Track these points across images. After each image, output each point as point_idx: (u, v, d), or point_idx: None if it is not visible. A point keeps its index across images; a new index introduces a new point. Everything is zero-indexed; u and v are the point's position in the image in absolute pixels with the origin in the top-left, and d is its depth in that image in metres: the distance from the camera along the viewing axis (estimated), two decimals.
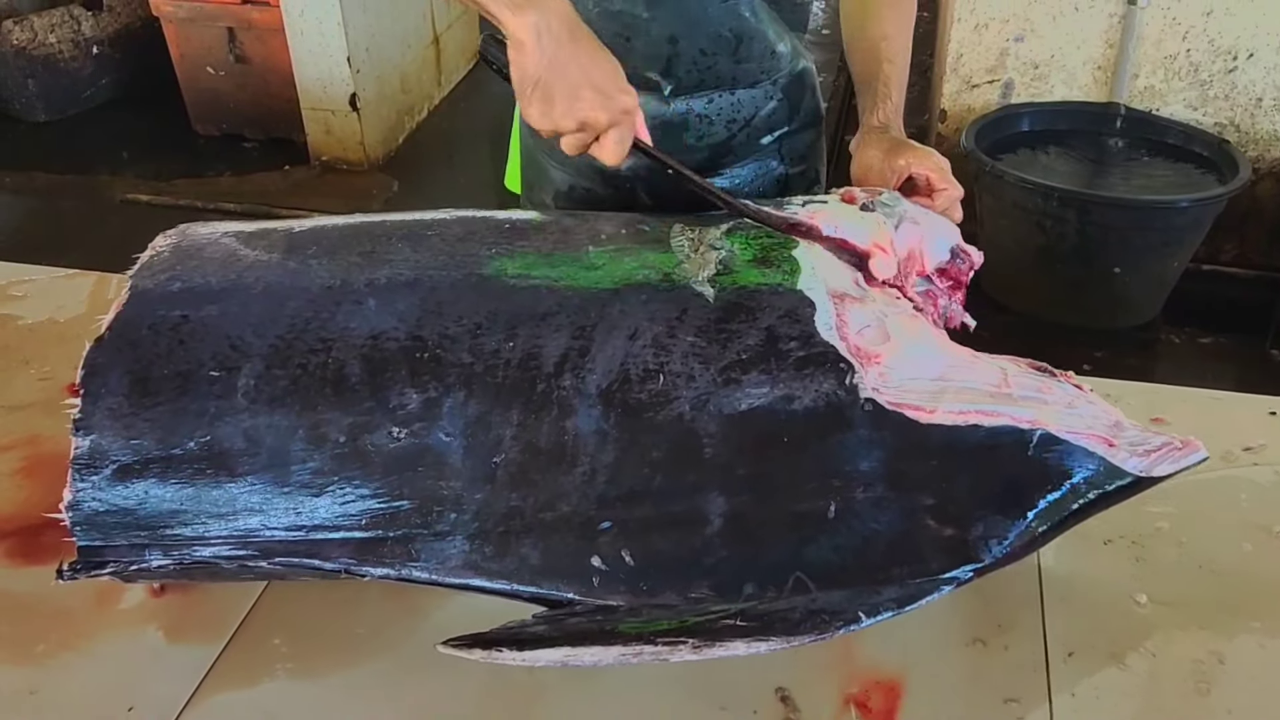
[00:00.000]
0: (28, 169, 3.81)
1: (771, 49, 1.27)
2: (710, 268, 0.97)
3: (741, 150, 1.30)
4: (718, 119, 1.26)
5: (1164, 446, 0.92)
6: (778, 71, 1.29)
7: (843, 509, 0.86)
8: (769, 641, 0.82)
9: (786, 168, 1.33)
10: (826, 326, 0.92)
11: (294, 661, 0.94)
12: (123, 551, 0.89)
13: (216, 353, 0.89)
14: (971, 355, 0.97)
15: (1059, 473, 0.89)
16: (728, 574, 0.86)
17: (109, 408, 0.88)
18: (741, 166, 1.31)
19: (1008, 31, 2.93)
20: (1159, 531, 1.06)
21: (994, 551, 0.87)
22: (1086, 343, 2.79)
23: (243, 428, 0.87)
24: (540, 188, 1.38)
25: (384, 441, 0.87)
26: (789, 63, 1.30)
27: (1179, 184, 2.77)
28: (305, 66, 3.60)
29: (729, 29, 1.22)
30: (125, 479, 0.87)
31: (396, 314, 0.91)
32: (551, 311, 0.91)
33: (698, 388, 0.88)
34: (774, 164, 1.32)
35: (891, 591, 0.85)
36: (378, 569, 0.88)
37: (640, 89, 1.05)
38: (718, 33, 1.22)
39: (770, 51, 1.26)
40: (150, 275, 0.95)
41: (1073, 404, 0.93)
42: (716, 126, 1.27)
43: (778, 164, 1.32)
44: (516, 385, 0.88)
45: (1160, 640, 0.95)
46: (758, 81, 1.27)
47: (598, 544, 0.86)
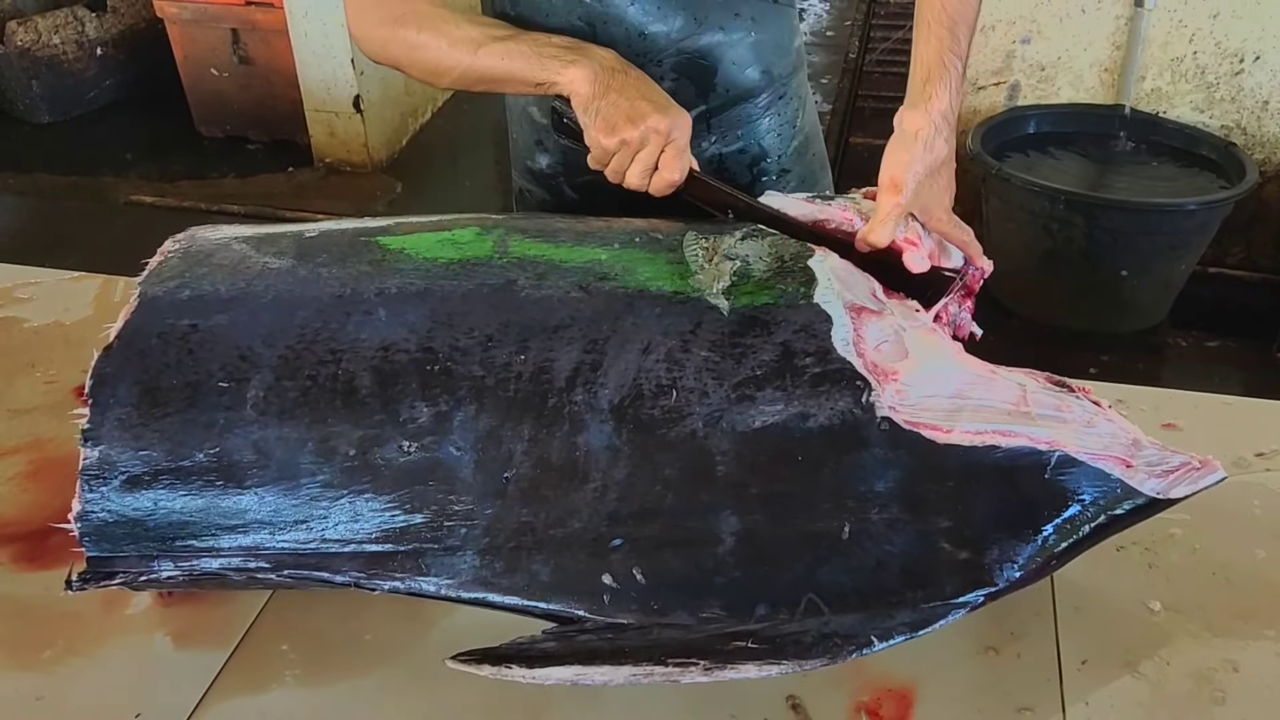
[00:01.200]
0: (31, 170, 3.81)
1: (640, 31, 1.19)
2: (725, 279, 0.95)
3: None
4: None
5: (1182, 467, 0.91)
6: (662, 53, 1.20)
7: (857, 530, 0.85)
8: (780, 664, 0.81)
9: (722, 147, 1.27)
10: (843, 342, 0.90)
11: (301, 668, 0.93)
12: (132, 562, 0.88)
13: (226, 363, 0.89)
14: (990, 371, 0.96)
15: (1075, 495, 0.88)
16: (740, 594, 0.85)
17: (118, 418, 0.87)
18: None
19: (1014, 33, 2.93)
20: (1172, 538, 1.05)
21: (1007, 575, 0.86)
22: (1093, 346, 2.78)
23: (252, 439, 0.87)
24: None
25: (394, 455, 0.86)
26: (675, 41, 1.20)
27: (1185, 187, 2.77)
28: (309, 68, 3.60)
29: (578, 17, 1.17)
30: (134, 490, 0.87)
31: (407, 325, 0.90)
32: (564, 324, 0.90)
33: (711, 404, 0.87)
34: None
35: (904, 615, 0.84)
36: (387, 583, 0.88)
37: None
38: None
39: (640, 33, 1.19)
40: (159, 282, 0.95)
41: (1091, 422, 0.92)
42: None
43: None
44: (528, 399, 0.87)
45: (1174, 648, 0.95)
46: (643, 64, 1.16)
47: (609, 561, 0.85)
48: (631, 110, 1.04)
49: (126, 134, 4.03)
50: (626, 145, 1.05)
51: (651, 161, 1.06)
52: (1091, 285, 2.80)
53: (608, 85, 1.05)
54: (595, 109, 1.05)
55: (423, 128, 4.02)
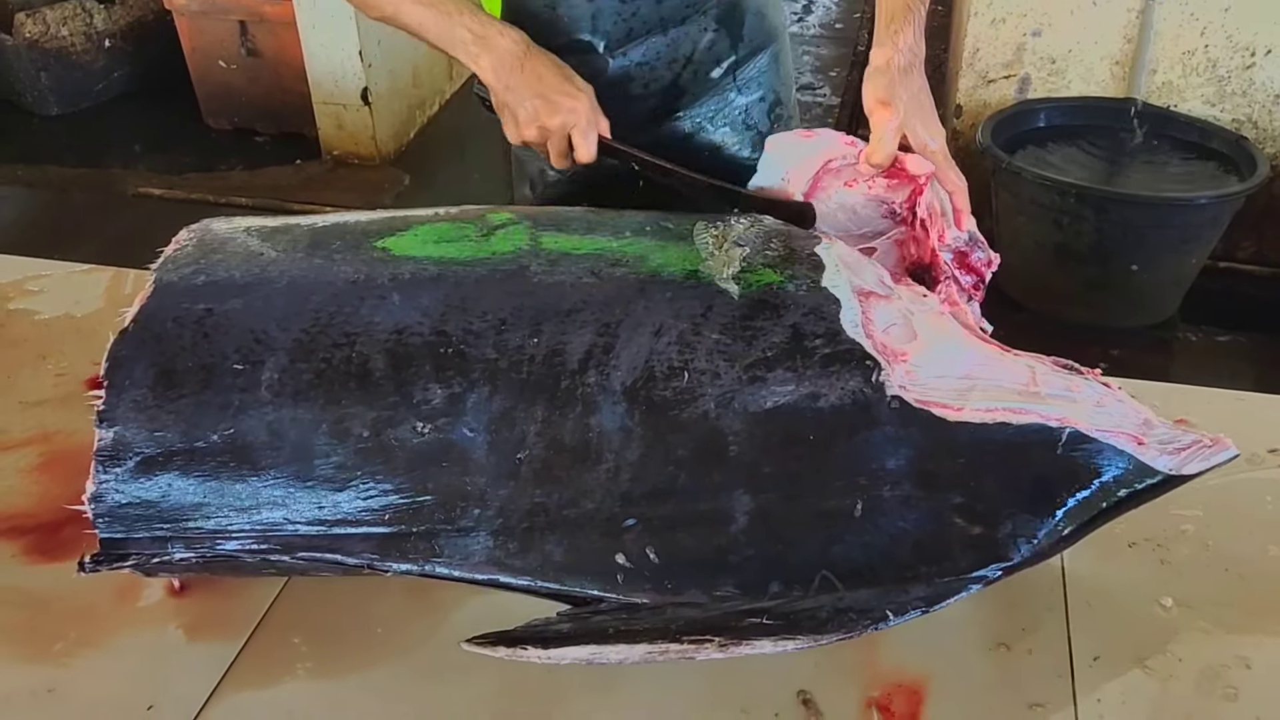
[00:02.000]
0: (40, 162, 3.81)
1: None
2: (734, 264, 0.96)
3: (692, 88, 1.31)
4: (658, 63, 1.28)
5: (1194, 444, 0.91)
6: (705, 3, 1.28)
7: (869, 507, 0.86)
8: (796, 640, 0.81)
9: (745, 97, 1.34)
10: (852, 324, 0.91)
11: (313, 661, 0.93)
12: (145, 544, 0.89)
13: (240, 346, 0.89)
14: (999, 352, 0.97)
15: (1088, 471, 0.88)
16: (753, 572, 0.85)
17: (133, 400, 0.87)
18: (700, 106, 1.33)
19: (1025, 26, 2.92)
20: (1184, 534, 1.05)
21: (1023, 550, 0.86)
22: (1103, 341, 2.77)
23: (266, 421, 0.87)
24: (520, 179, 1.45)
25: (408, 436, 0.86)
26: None
27: (1196, 181, 2.76)
28: (317, 60, 3.60)
29: None
30: (149, 471, 0.87)
31: (420, 309, 0.90)
32: (576, 308, 0.90)
33: (722, 385, 0.87)
34: (732, 96, 1.33)
35: (919, 590, 0.84)
36: (400, 564, 0.88)
37: (577, 53, 1.19)
38: None
39: None
40: (174, 269, 0.95)
41: (1101, 402, 0.93)
42: (659, 70, 1.29)
43: (735, 95, 1.33)
44: (541, 381, 0.87)
45: (1186, 644, 0.94)
46: (687, 17, 1.27)
47: (622, 541, 0.86)
48: (530, 111, 1.14)
49: (134, 126, 4.04)
50: (542, 133, 1.15)
51: (563, 149, 1.15)
52: (1102, 279, 2.79)
53: (507, 83, 1.14)
54: (502, 105, 1.16)
55: (430, 120, 4.02)
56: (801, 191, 1.13)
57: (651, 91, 1.30)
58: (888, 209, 1.12)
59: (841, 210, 1.13)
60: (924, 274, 1.09)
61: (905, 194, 1.11)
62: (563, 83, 1.14)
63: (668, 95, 1.30)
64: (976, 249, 1.11)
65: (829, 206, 1.13)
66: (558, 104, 1.13)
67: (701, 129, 1.33)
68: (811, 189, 1.13)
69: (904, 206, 1.11)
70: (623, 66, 1.27)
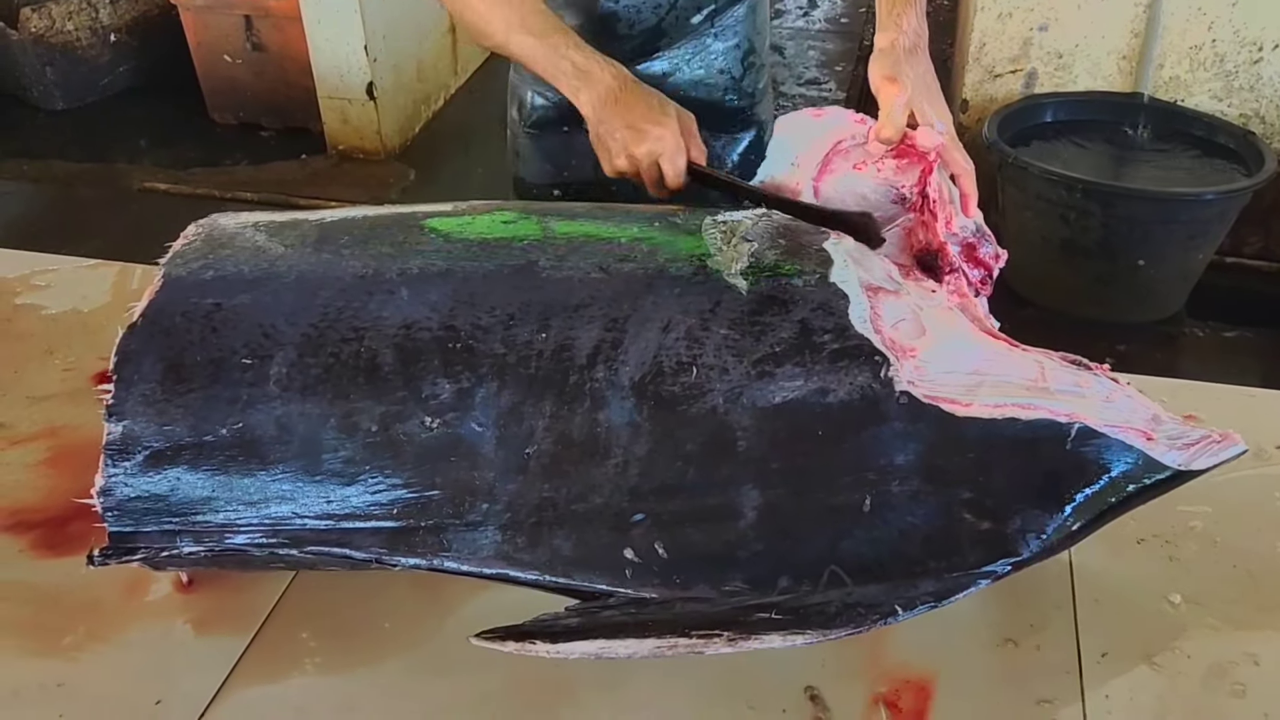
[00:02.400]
0: (46, 157, 3.82)
1: None
2: (743, 260, 0.95)
3: (673, 32, 1.38)
4: (644, 6, 1.35)
5: (1203, 439, 0.91)
6: None
7: (878, 502, 0.85)
8: (805, 635, 0.81)
9: (722, 43, 1.41)
10: (861, 319, 0.91)
11: (321, 655, 0.94)
12: (154, 538, 0.89)
13: (249, 340, 0.89)
14: (1008, 347, 0.97)
15: (1097, 466, 0.88)
16: (762, 567, 0.85)
17: (142, 394, 0.87)
18: (678, 48, 1.39)
19: (1031, 20, 2.91)
20: (1192, 530, 1.05)
21: (1032, 545, 0.86)
22: (1110, 336, 2.76)
23: (275, 415, 0.87)
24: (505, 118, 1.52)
25: (416, 431, 0.86)
26: None
27: (1203, 176, 2.75)
28: (322, 55, 3.59)
29: None
30: (157, 465, 0.87)
31: (429, 304, 0.90)
32: (584, 303, 0.90)
33: (731, 380, 0.87)
34: (709, 41, 1.40)
35: (928, 585, 0.84)
36: (409, 559, 0.88)
37: None
38: None
39: None
40: (183, 263, 0.95)
41: (1110, 397, 0.92)
42: (645, 14, 1.35)
43: (713, 40, 1.40)
44: (549, 376, 0.87)
45: (1194, 641, 0.94)
46: None
47: (631, 536, 0.86)
48: (620, 141, 1.17)
49: (140, 120, 4.04)
50: (628, 169, 1.19)
51: (654, 176, 1.18)
52: (1108, 275, 2.78)
53: (601, 116, 1.18)
54: (597, 137, 1.20)
55: (436, 115, 4.02)
56: (811, 176, 1.13)
57: (635, 33, 1.36)
58: (897, 194, 1.12)
59: (851, 195, 1.14)
60: (932, 261, 1.09)
61: (914, 177, 1.11)
62: (650, 111, 1.17)
63: (650, 36, 1.37)
64: (984, 242, 1.10)
65: (838, 190, 1.14)
66: (645, 132, 1.16)
67: (678, 69, 1.41)
68: (821, 172, 1.14)
69: (913, 190, 1.11)
70: (611, 8, 1.34)
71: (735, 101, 1.46)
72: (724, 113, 1.44)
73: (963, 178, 1.10)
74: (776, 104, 4.41)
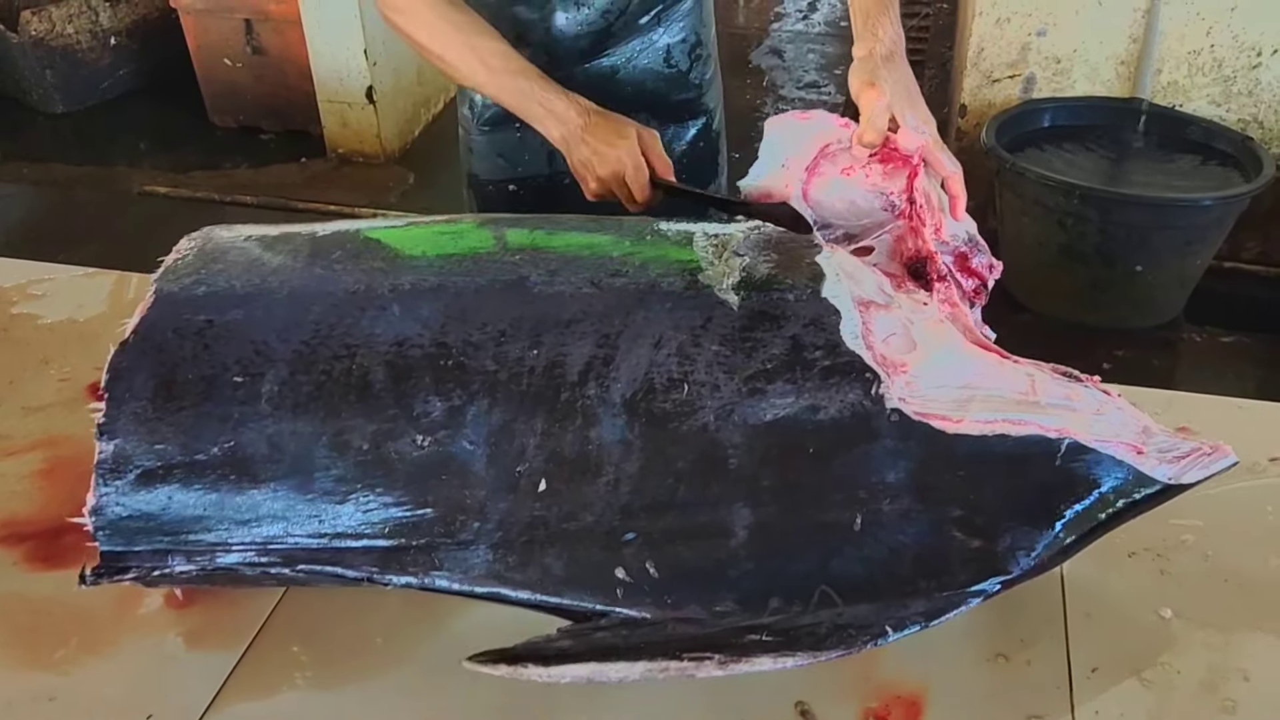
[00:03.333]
0: (46, 160, 3.82)
1: None
2: (734, 274, 0.96)
3: (621, 33, 1.42)
4: (593, 9, 1.39)
5: (1193, 452, 0.91)
6: None
7: (869, 521, 0.86)
8: (795, 657, 0.81)
9: (668, 37, 1.45)
10: (852, 335, 0.91)
11: (312, 670, 0.94)
12: (145, 557, 0.89)
13: (241, 357, 0.89)
14: (998, 360, 0.96)
15: (1087, 482, 0.88)
16: (753, 587, 0.85)
17: (133, 412, 0.88)
18: (624, 45, 1.43)
19: (1030, 25, 2.90)
20: (1184, 544, 1.05)
21: (1022, 563, 0.86)
22: (1108, 342, 2.76)
23: (266, 434, 0.87)
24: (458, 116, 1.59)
25: (407, 449, 0.87)
26: None
27: (1202, 181, 2.74)
28: (322, 59, 3.60)
29: None
30: (149, 484, 0.87)
31: (420, 320, 0.90)
32: (576, 319, 0.90)
33: (722, 397, 0.87)
34: (655, 36, 1.44)
35: (918, 605, 0.84)
36: (400, 578, 0.88)
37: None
38: None
39: None
40: (174, 279, 0.95)
41: (1101, 410, 0.93)
42: (593, 15, 1.40)
43: (660, 35, 1.45)
44: (541, 393, 0.87)
45: (1185, 656, 0.94)
46: None
47: (622, 555, 0.86)
48: (591, 166, 1.23)
49: (140, 124, 4.04)
50: (602, 192, 1.24)
51: (625, 195, 1.23)
52: (1106, 280, 2.78)
53: (571, 149, 1.25)
54: (572, 168, 1.26)
55: (435, 118, 4.02)
56: (799, 178, 1.14)
57: (584, 33, 1.40)
58: (886, 200, 1.13)
59: (840, 201, 1.14)
60: (922, 268, 1.09)
61: (901, 183, 1.11)
62: (610, 135, 1.22)
63: (597, 40, 1.42)
64: (977, 252, 1.11)
65: (828, 196, 1.14)
66: (605, 155, 1.22)
67: (627, 64, 1.44)
68: (810, 174, 1.14)
69: (901, 196, 1.11)
70: (563, 6, 1.38)
71: (683, 93, 1.50)
72: (673, 104, 1.50)
73: (951, 180, 1.11)
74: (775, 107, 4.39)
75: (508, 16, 1.39)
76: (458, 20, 1.29)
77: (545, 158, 1.42)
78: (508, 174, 1.51)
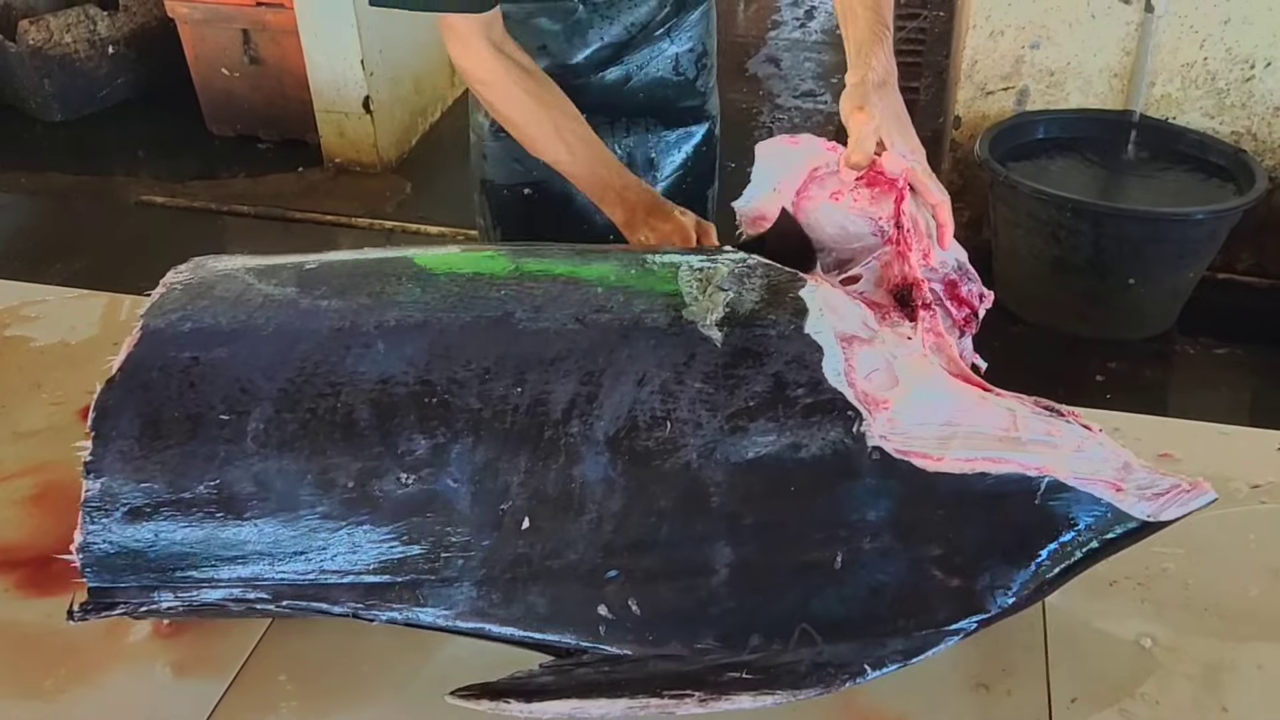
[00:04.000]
0: (43, 169, 3.84)
1: None
2: (718, 310, 0.96)
3: (638, 43, 1.48)
4: (618, 21, 1.45)
5: (1172, 489, 0.92)
6: None
7: (849, 559, 0.86)
8: (775, 694, 0.82)
9: (677, 47, 1.51)
10: (835, 372, 0.91)
11: (299, 700, 0.94)
12: (132, 592, 0.90)
13: (227, 396, 0.90)
14: (980, 395, 0.97)
15: (1066, 520, 0.89)
16: (734, 625, 0.86)
17: (120, 450, 0.88)
18: (637, 53, 1.49)
19: (1024, 38, 2.91)
20: (1165, 572, 1.05)
21: (1000, 601, 0.87)
22: (1100, 354, 2.77)
23: (252, 471, 0.88)
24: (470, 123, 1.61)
25: (392, 487, 0.87)
26: None
27: (1195, 194, 2.75)
28: (319, 68, 3.61)
29: None
30: (135, 521, 0.88)
31: (405, 358, 0.91)
32: (560, 356, 0.91)
33: (705, 435, 0.88)
34: (665, 45, 1.50)
35: (897, 643, 0.85)
36: (385, 613, 0.89)
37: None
38: None
39: None
40: (161, 314, 0.96)
41: (1081, 446, 0.93)
42: (616, 28, 1.45)
43: (669, 45, 1.50)
44: (524, 432, 0.88)
45: (1165, 686, 0.95)
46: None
47: (604, 593, 0.87)
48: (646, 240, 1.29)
49: (138, 133, 4.05)
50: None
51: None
52: (1099, 292, 2.79)
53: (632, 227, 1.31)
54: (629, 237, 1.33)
55: (432, 128, 4.03)
56: (789, 200, 1.16)
57: (606, 45, 1.45)
58: (875, 226, 1.14)
59: (830, 225, 1.15)
60: (908, 294, 1.10)
61: (889, 208, 1.12)
62: (664, 218, 1.30)
63: (617, 51, 1.47)
64: (967, 280, 1.11)
65: (817, 219, 1.15)
66: (660, 229, 1.28)
67: (637, 74, 1.50)
68: (800, 197, 1.16)
69: (889, 222, 1.12)
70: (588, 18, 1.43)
71: (690, 100, 1.56)
72: (679, 110, 1.56)
73: (938, 209, 1.12)
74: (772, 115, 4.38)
75: (531, 27, 1.42)
76: (544, 98, 1.34)
77: None
78: (522, 179, 1.54)
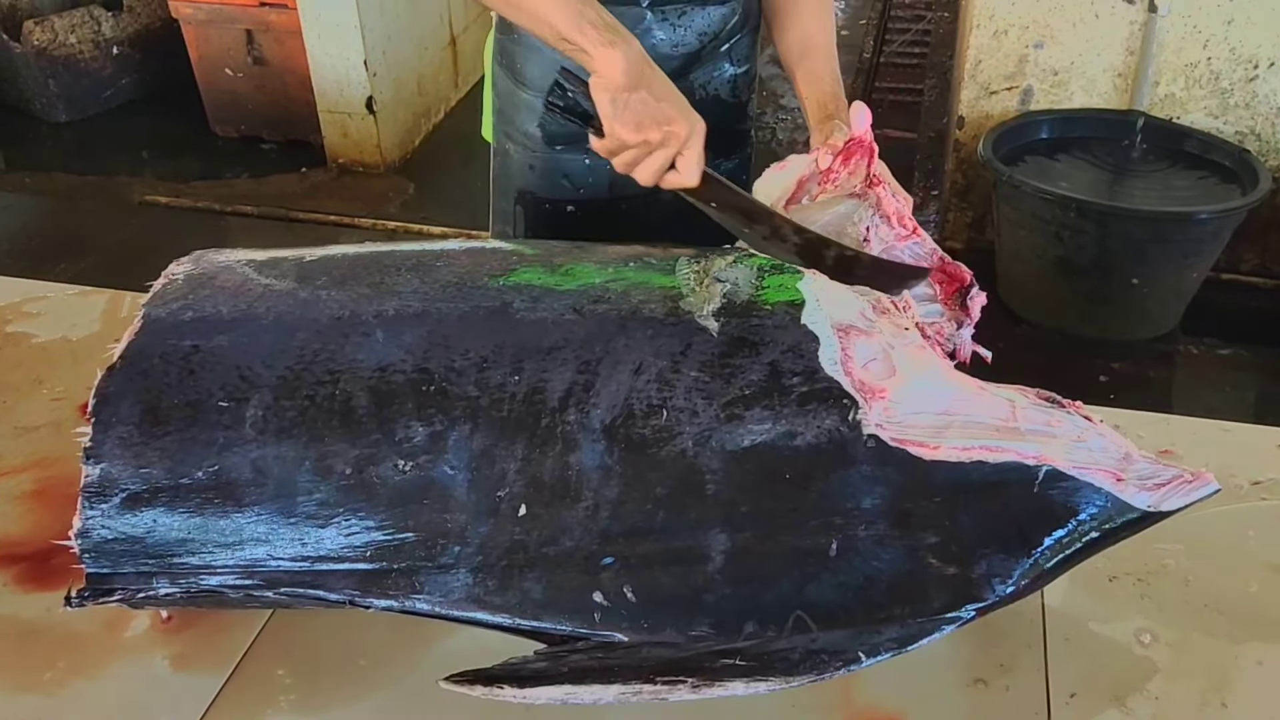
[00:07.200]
0: (48, 169, 3.85)
1: None
2: (715, 301, 0.96)
3: (706, 57, 1.40)
4: (690, 30, 1.36)
5: (1174, 480, 0.91)
6: None
7: (844, 547, 0.86)
8: (768, 681, 0.82)
9: (735, 68, 1.43)
10: (831, 361, 0.91)
11: (297, 693, 0.95)
12: (131, 579, 0.90)
13: (226, 383, 0.90)
14: (978, 387, 0.97)
15: (1065, 509, 0.88)
16: (729, 612, 0.86)
17: (119, 436, 0.89)
18: (700, 70, 1.41)
19: (1027, 38, 2.91)
20: (1165, 568, 1.05)
21: (997, 590, 0.87)
22: (1104, 354, 2.77)
23: (250, 458, 0.88)
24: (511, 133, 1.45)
25: (389, 474, 0.87)
26: None
27: (1199, 194, 2.75)
28: (322, 69, 3.62)
29: None
30: (134, 508, 0.88)
31: (404, 346, 0.91)
32: (558, 345, 0.91)
33: (701, 423, 0.88)
34: (725, 65, 1.42)
35: (892, 631, 0.85)
36: (382, 600, 0.89)
37: (622, 4, 1.22)
38: None
39: None
40: (163, 304, 0.96)
41: (1081, 437, 0.93)
42: (689, 36, 1.36)
43: (728, 65, 1.42)
44: (521, 419, 0.88)
45: (1164, 683, 0.95)
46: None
47: (600, 579, 0.87)
48: (659, 112, 1.06)
49: (142, 133, 4.07)
50: (646, 144, 1.06)
51: (666, 162, 1.08)
52: (1103, 292, 2.78)
53: (638, 80, 1.05)
54: (624, 102, 1.05)
55: (435, 128, 4.04)
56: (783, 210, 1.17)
57: (677, 54, 1.36)
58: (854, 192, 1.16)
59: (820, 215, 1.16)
60: None
61: (862, 170, 1.16)
62: (686, 102, 1.10)
63: (688, 61, 1.38)
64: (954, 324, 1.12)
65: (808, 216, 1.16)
66: (688, 114, 1.08)
67: (700, 91, 1.41)
68: (788, 205, 1.17)
69: (862, 185, 1.14)
70: (660, 22, 1.34)
71: (742, 123, 1.50)
72: (730, 134, 1.46)
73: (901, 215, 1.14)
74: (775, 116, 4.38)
75: None
76: None
77: (607, 184, 1.37)
78: (568, 195, 1.45)
